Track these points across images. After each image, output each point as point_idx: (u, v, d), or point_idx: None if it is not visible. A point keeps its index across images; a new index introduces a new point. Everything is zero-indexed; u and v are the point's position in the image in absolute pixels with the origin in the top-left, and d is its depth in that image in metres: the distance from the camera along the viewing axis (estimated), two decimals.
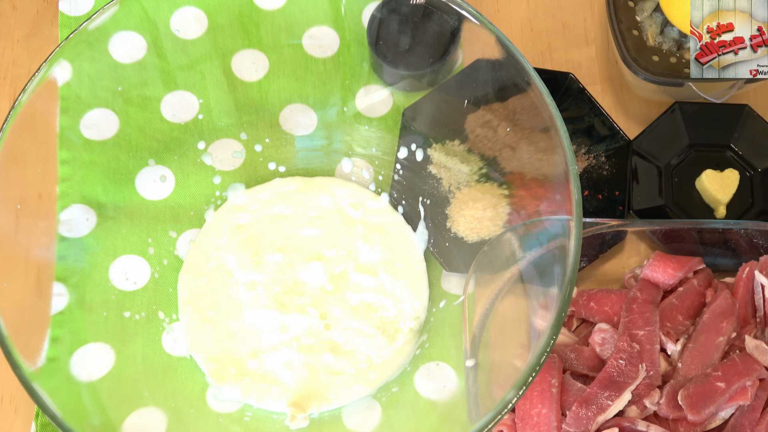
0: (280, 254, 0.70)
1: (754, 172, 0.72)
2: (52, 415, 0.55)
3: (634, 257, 0.71)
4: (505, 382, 0.55)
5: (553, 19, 0.79)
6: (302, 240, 0.71)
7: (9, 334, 0.56)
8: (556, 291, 0.56)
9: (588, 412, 0.59)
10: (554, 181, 0.59)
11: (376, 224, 0.71)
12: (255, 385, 0.66)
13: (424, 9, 0.65)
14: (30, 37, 0.79)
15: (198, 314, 0.68)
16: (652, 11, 0.71)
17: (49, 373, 0.60)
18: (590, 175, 0.72)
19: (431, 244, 0.71)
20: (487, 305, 0.64)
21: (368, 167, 0.73)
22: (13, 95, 0.77)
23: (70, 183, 0.67)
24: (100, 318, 0.65)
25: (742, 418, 0.61)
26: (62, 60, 0.62)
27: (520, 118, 0.64)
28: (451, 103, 0.70)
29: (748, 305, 0.66)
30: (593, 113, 0.73)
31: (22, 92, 0.60)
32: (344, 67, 0.72)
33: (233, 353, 0.67)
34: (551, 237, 0.59)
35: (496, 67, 0.63)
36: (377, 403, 0.66)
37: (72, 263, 0.65)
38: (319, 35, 0.71)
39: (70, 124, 0.66)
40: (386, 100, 0.73)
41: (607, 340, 0.63)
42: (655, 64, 0.70)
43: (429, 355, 0.67)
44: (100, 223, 0.67)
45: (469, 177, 0.70)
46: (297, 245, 0.70)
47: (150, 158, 0.70)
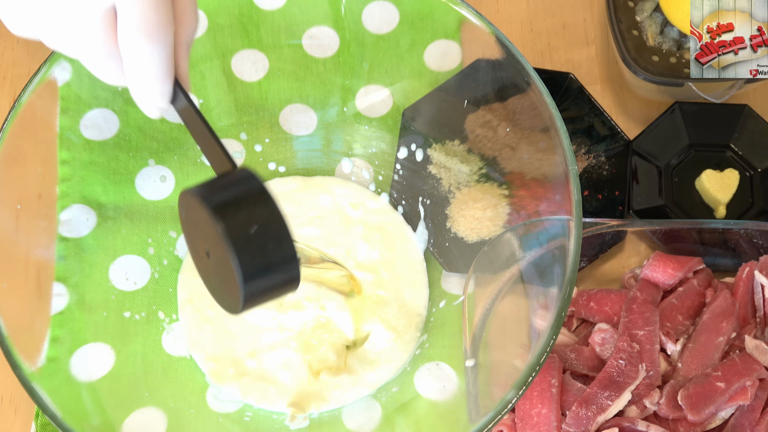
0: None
1: (754, 172, 0.72)
2: (52, 415, 0.55)
3: (634, 257, 0.71)
4: (505, 382, 0.55)
5: (553, 19, 0.79)
6: (301, 239, 0.71)
7: (9, 334, 0.56)
8: (556, 291, 0.56)
9: (588, 412, 0.59)
10: (554, 181, 0.59)
11: (376, 224, 0.71)
12: (254, 385, 0.66)
13: None
14: None
15: (197, 314, 0.68)
16: (652, 11, 0.71)
17: (49, 373, 0.60)
18: (590, 175, 0.72)
19: (431, 244, 0.70)
20: (487, 305, 0.65)
21: (368, 167, 0.73)
22: (13, 95, 0.77)
23: (70, 183, 0.67)
24: (100, 318, 0.65)
25: (742, 418, 0.61)
26: (62, 60, 0.62)
27: (520, 118, 0.64)
28: (451, 103, 0.70)
29: (748, 305, 0.66)
30: (593, 113, 0.73)
31: (22, 92, 0.60)
32: (344, 67, 0.72)
33: (232, 353, 0.67)
34: (551, 237, 0.59)
35: (496, 67, 0.63)
36: (377, 403, 0.66)
37: (72, 263, 0.65)
38: (319, 35, 0.71)
39: (70, 124, 0.66)
40: (386, 100, 0.73)
41: (607, 340, 0.63)
42: (655, 64, 0.70)
43: (429, 355, 0.67)
44: (100, 223, 0.67)
45: (469, 177, 0.70)
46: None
47: (150, 158, 0.70)
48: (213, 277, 0.44)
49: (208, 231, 0.40)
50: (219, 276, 0.42)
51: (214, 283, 0.44)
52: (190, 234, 0.44)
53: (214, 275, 0.43)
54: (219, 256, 0.40)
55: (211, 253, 0.41)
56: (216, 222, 0.39)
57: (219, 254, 0.40)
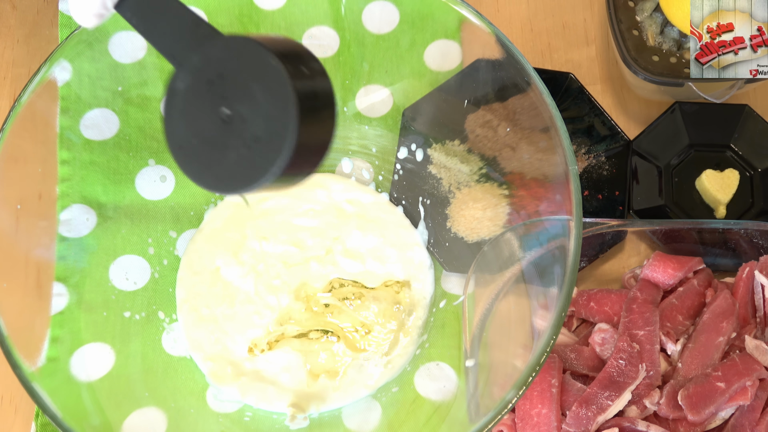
0: (275, 252, 0.70)
1: (754, 172, 0.72)
2: (52, 415, 0.55)
3: (634, 257, 0.71)
4: (505, 382, 0.55)
5: (553, 19, 0.79)
6: (296, 228, 0.71)
7: (9, 334, 0.56)
8: (556, 291, 0.56)
9: (588, 412, 0.59)
10: (554, 181, 0.59)
11: (374, 219, 0.71)
12: (252, 385, 0.66)
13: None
14: (30, 37, 0.79)
15: (195, 313, 0.68)
16: (652, 11, 0.71)
17: (49, 373, 0.60)
18: (590, 175, 0.72)
19: (431, 244, 0.70)
20: (487, 305, 0.65)
21: (368, 167, 0.73)
22: (13, 95, 0.77)
23: (70, 183, 0.67)
24: (100, 318, 0.65)
25: (742, 418, 0.61)
26: (62, 60, 0.62)
27: (520, 118, 0.64)
28: (451, 103, 0.70)
29: (748, 305, 0.66)
30: (593, 113, 0.73)
31: (22, 92, 0.60)
32: (344, 67, 0.72)
33: (230, 353, 0.67)
34: (551, 237, 0.59)
35: (496, 67, 0.63)
36: (377, 403, 0.66)
37: (72, 263, 0.65)
38: (319, 35, 0.71)
39: (70, 124, 0.66)
40: (386, 100, 0.73)
41: (607, 340, 0.63)
42: (655, 64, 0.70)
43: (429, 355, 0.67)
44: (100, 223, 0.67)
45: (469, 177, 0.70)
46: (295, 240, 0.70)
47: (150, 158, 0.70)
48: (216, 149, 0.41)
49: (253, 83, 0.38)
50: (234, 143, 0.40)
51: (215, 156, 0.41)
52: (199, 100, 0.41)
53: (220, 146, 0.40)
54: (257, 112, 0.38)
55: (243, 112, 0.39)
56: (282, 67, 0.38)
57: (261, 109, 0.38)
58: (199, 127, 0.41)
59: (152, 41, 0.43)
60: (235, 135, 0.39)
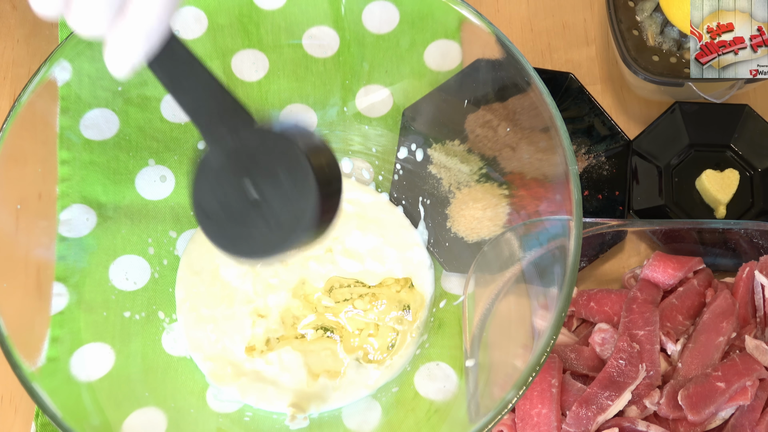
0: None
1: (754, 172, 0.72)
2: (52, 415, 0.55)
3: (634, 257, 0.71)
4: (505, 382, 0.55)
5: (553, 19, 0.79)
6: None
7: (9, 334, 0.56)
8: (556, 291, 0.56)
9: (588, 412, 0.59)
10: (554, 181, 0.59)
11: (374, 218, 0.71)
12: (252, 385, 0.66)
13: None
14: (30, 37, 0.79)
15: (194, 313, 0.68)
16: (652, 11, 0.71)
17: (49, 373, 0.60)
18: (590, 175, 0.72)
19: (431, 244, 0.70)
20: (487, 305, 0.64)
21: (368, 167, 0.73)
22: (13, 95, 0.77)
23: (70, 183, 0.67)
24: (100, 318, 0.65)
25: (742, 418, 0.61)
26: (62, 60, 0.62)
27: (520, 118, 0.64)
28: (451, 103, 0.70)
29: (748, 305, 0.66)
30: (593, 113, 0.73)
31: (22, 92, 0.60)
32: (344, 67, 0.72)
33: (230, 353, 0.67)
34: (551, 237, 0.59)
35: (496, 67, 0.63)
36: (377, 403, 0.66)
37: (72, 263, 0.65)
38: (319, 35, 0.71)
39: (70, 124, 0.66)
40: (386, 100, 0.73)
41: (607, 340, 0.63)
42: (655, 64, 0.70)
43: (429, 355, 0.67)
44: (100, 223, 0.67)
45: (469, 177, 0.70)
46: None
47: (150, 158, 0.70)
48: (240, 224, 0.45)
49: (281, 172, 0.43)
50: (257, 222, 0.44)
51: (238, 230, 0.46)
52: (229, 178, 0.45)
53: (244, 223, 0.45)
54: (279, 194, 0.43)
55: (268, 196, 0.44)
56: (308, 161, 0.43)
57: (283, 192, 0.43)
58: (226, 202, 0.45)
59: (183, 105, 0.46)
60: (259, 215, 0.44)
